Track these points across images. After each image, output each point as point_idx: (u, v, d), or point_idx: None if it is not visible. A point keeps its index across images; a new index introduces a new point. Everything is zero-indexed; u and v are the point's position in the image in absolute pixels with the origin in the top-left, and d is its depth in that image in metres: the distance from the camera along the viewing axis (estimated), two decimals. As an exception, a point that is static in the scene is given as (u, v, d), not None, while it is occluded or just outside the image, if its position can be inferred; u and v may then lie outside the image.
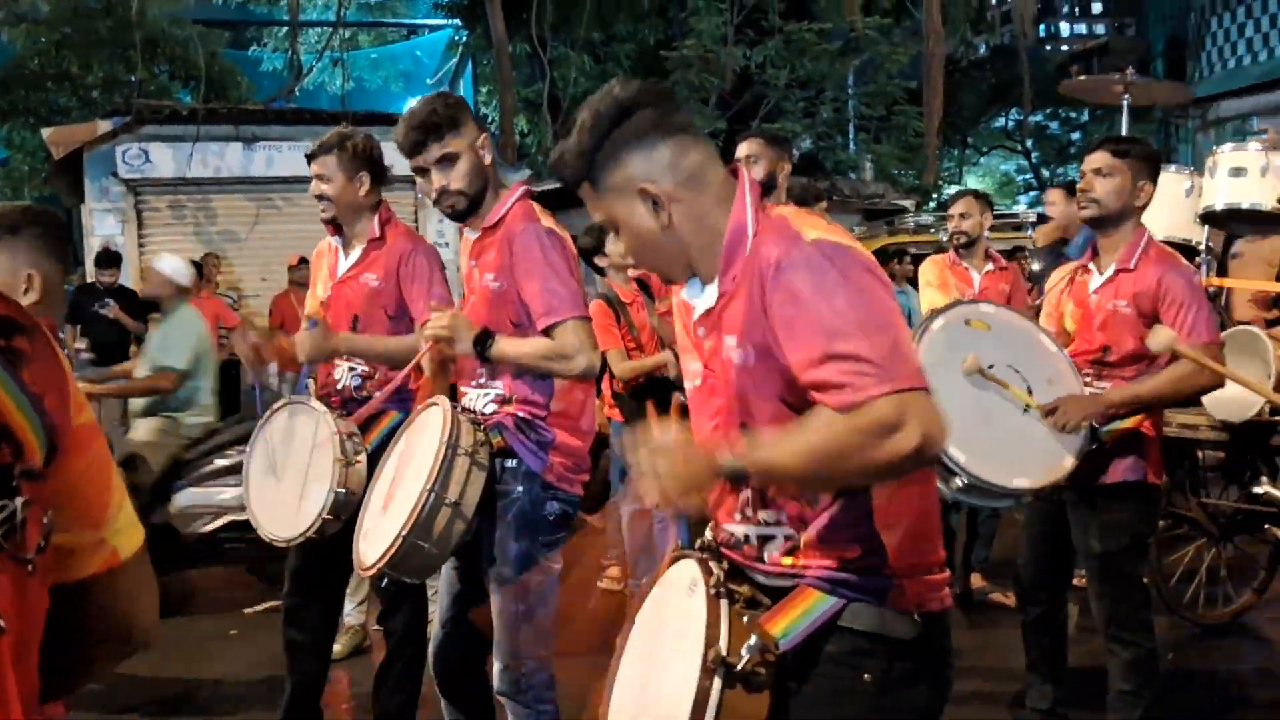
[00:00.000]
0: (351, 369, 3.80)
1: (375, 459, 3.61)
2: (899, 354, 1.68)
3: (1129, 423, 3.49)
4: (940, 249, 6.55)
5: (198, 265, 10.13)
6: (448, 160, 3.06)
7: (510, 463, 3.08)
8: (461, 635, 3.27)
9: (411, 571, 3.06)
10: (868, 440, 1.65)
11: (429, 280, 3.72)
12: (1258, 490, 2.16)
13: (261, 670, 5.09)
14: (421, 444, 3.06)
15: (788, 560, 1.88)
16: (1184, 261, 3.58)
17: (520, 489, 3.07)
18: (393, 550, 2.90)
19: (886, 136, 18.40)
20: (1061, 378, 3.39)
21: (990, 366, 3.27)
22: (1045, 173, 30.09)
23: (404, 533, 2.88)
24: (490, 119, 16.83)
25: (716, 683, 1.70)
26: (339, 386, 3.81)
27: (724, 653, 1.71)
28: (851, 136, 19.58)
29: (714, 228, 1.87)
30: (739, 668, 1.72)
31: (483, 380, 3.15)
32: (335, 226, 3.85)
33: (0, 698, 1.17)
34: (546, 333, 2.98)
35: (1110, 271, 3.58)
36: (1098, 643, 3.83)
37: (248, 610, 6.03)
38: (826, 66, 17.12)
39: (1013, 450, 3.23)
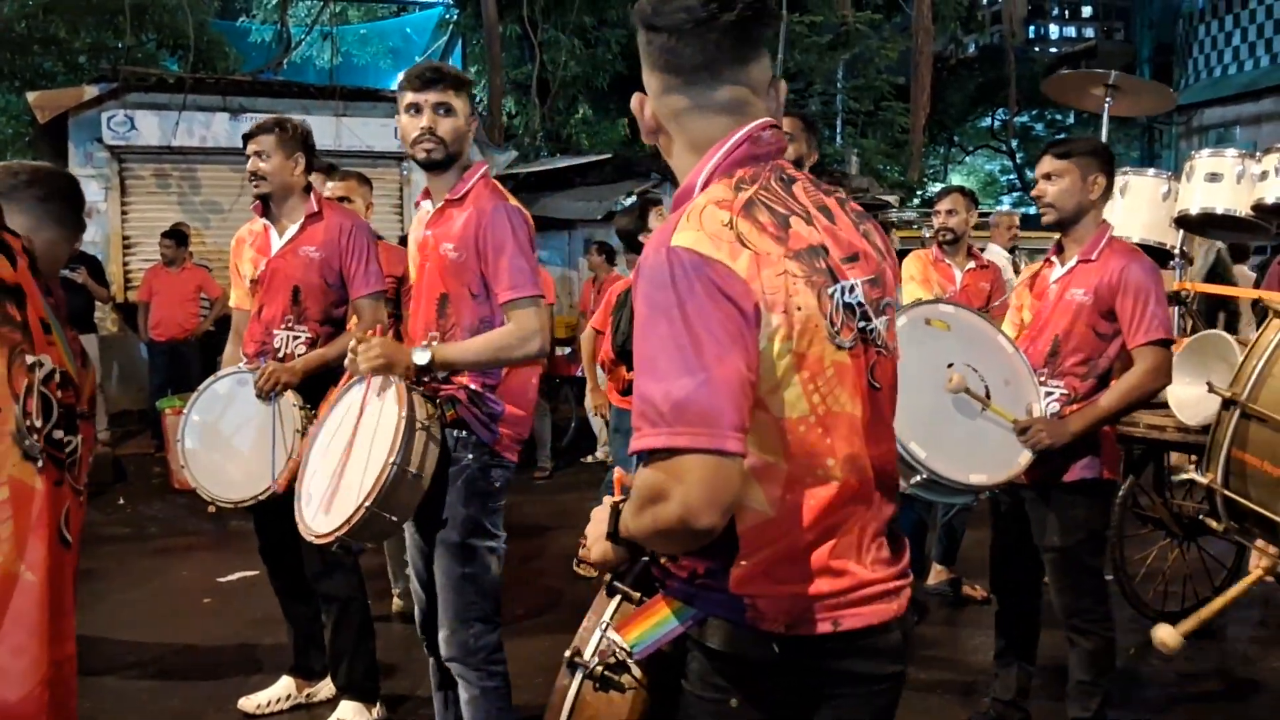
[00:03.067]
0: (295, 336, 4.02)
1: None
2: (693, 404, 1.50)
3: None
4: (925, 244, 6.62)
5: (184, 235, 10.16)
6: (444, 108, 3.21)
7: (461, 433, 3.24)
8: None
9: (367, 538, 3.21)
10: (641, 509, 1.56)
11: (367, 257, 4.04)
12: (1183, 477, 2.25)
13: (236, 637, 5.14)
14: (375, 418, 3.16)
15: (652, 569, 1.82)
16: (1146, 257, 3.66)
17: (470, 457, 3.23)
18: (354, 520, 3.02)
19: (873, 131, 18.47)
20: (1017, 377, 3.49)
21: (950, 365, 3.37)
22: (1029, 174, 30.21)
23: (366, 503, 2.99)
24: (478, 99, 16.81)
25: (574, 682, 1.75)
26: (280, 354, 4.01)
27: (585, 653, 1.76)
28: (839, 130, 19.64)
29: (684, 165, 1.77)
30: (591, 668, 1.74)
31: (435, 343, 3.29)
32: (264, 207, 4.08)
33: (62, 606, 1.37)
34: (507, 308, 3.14)
35: (1072, 263, 3.67)
36: (1056, 637, 3.92)
37: (221, 579, 6.07)
38: (815, 59, 17.16)
39: (970, 448, 3.34)
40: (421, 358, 3.11)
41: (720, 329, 1.53)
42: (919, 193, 19.57)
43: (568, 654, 1.76)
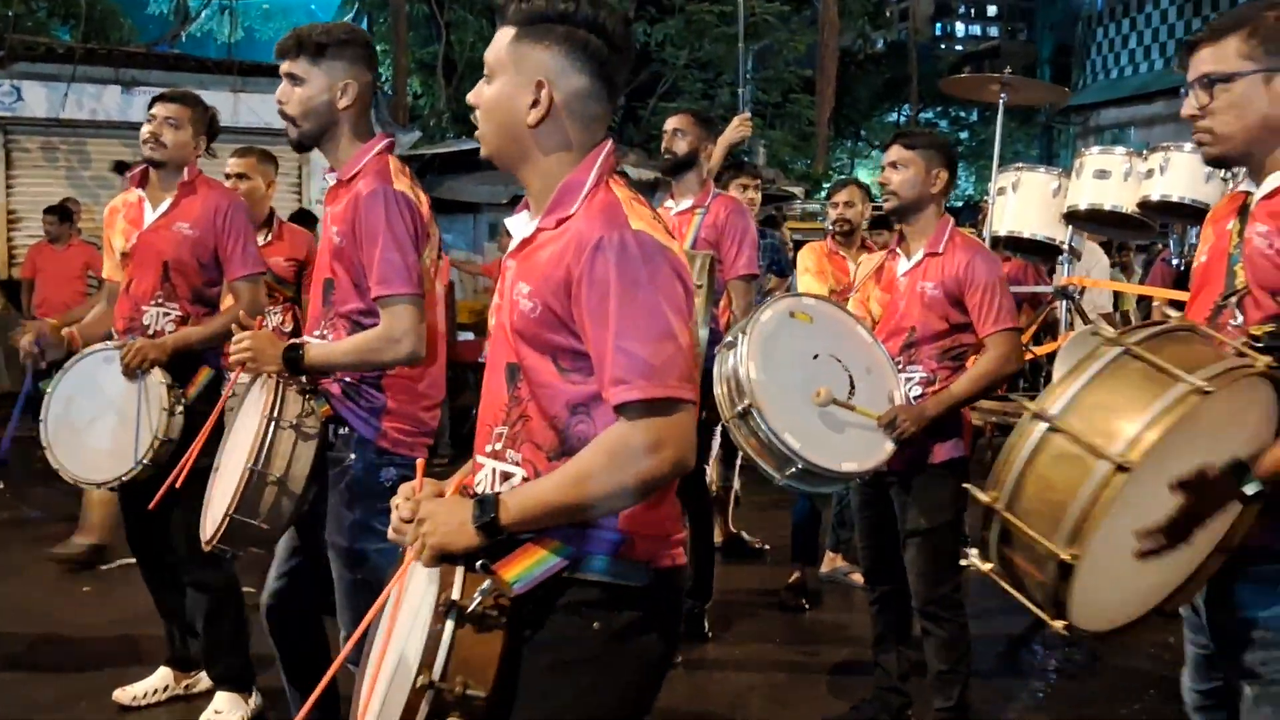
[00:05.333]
0: (165, 313, 3.88)
1: (192, 413, 3.78)
2: (675, 364, 1.79)
3: None
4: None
5: (69, 211, 9.83)
6: (293, 79, 2.97)
7: (343, 430, 3.01)
8: (296, 588, 3.23)
9: (249, 544, 3.04)
10: (628, 458, 1.78)
11: (244, 239, 3.90)
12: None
13: (115, 627, 4.98)
14: (248, 417, 3.02)
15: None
16: (988, 249, 3.82)
17: (353, 456, 2.99)
18: (222, 528, 2.90)
19: (780, 123, 18.63)
20: (878, 366, 3.60)
21: (815, 357, 3.47)
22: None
23: (230, 511, 2.87)
24: (384, 79, 16.55)
25: (448, 625, 1.78)
26: (150, 331, 3.87)
27: (455, 596, 1.79)
28: (747, 121, 19.71)
29: (557, 170, 1.94)
30: (470, 609, 1.79)
31: (323, 333, 3.06)
32: (143, 178, 3.96)
33: None
34: (378, 304, 2.89)
35: (919, 256, 3.76)
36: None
37: (103, 566, 5.88)
38: (724, 49, 17.26)
39: (840, 437, 3.43)
40: (291, 357, 2.91)
41: (682, 303, 1.83)
42: (824, 185, 19.82)
43: (437, 602, 1.79)
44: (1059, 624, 1.98)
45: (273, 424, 2.86)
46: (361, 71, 3.00)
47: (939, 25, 47.49)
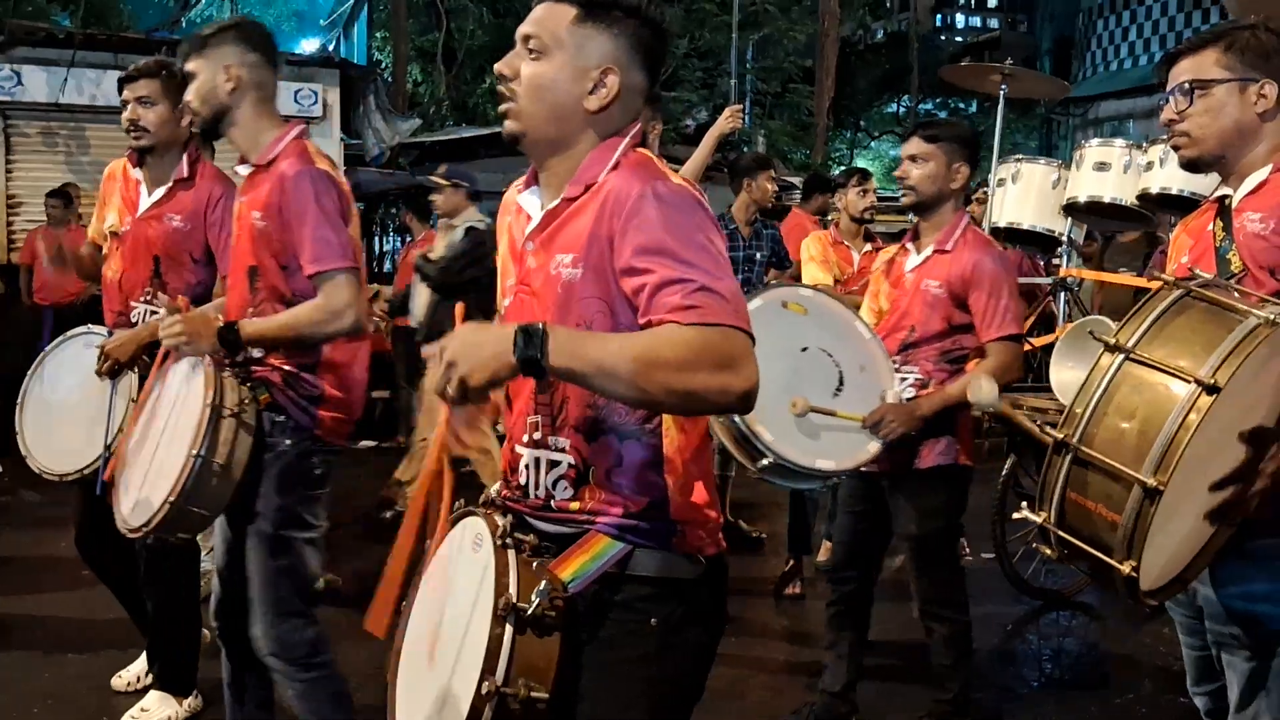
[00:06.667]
0: (154, 312, 3.71)
1: None
2: (741, 300, 1.74)
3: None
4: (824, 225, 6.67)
5: (70, 195, 9.81)
6: (189, 75, 2.99)
7: (279, 418, 3.01)
8: (241, 582, 3.14)
9: (182, 531, 3.03)
10: (704, 360, 1.65)
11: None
12: (1016, 516, 2.09)
13: (113, 610, 4.96)
14: (183, 403, 2.97)
15: (575, 505, 1.90)
16: (1000, 249, 3.67)
17: (288, 443, 3.01)
18: (161, 516, 2.85)
19: (780, 113, 18.62)
20: (873, 363, 3.50)
21: (804, 349, 3.38)
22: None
23: (172, 499, 2.82)
24: (384, 65, 16.53)
25: (508, 629, 1.74)
26: (136, 326, 3.72)
27: (514, 599, 1.75)
28: (747, 111, 19.74)
29: (581, 147, 1.91)
30: (529, 612, 1.75)
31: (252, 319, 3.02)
32: (139, 159, 3.77)
33: None
34: (314, 281, 2.90)
35: (928, 252, 3.66)
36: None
37: (102, 551, 5.88)
38: (725, 38, 17.23)
39: (819, 433, 3.34)
40: (228, 336, 2.88)
41: (725, 252, 1.80)
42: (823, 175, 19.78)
43: (496, 606, 1.74)
44: (1127, 566, 1.92)
45: (214, 411, 2.83)
46: (245, 54, 2.99)
47: (939, 16, 47.38)
